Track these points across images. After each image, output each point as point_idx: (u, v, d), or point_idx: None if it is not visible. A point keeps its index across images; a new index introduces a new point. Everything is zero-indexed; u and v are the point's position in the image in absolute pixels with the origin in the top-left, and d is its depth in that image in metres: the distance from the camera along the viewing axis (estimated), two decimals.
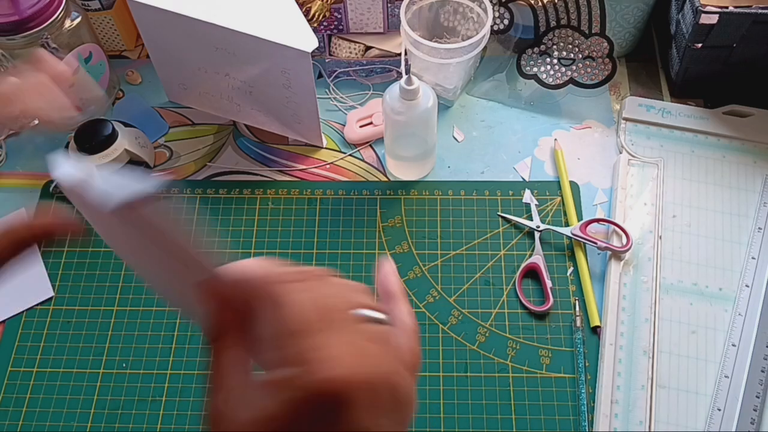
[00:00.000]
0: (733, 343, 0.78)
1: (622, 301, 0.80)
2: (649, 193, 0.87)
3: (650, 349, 0.77)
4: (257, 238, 0.87)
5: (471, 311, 0.82)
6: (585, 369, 0.78)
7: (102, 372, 0.80)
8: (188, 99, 0.97)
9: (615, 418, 0.74)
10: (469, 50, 0.88)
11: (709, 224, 0.85)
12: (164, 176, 0.92)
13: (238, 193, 0.91)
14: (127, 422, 0.77)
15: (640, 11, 0.93)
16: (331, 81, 0.99)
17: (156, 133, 0.96)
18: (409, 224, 0.88)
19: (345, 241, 0.87)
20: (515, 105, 0.97)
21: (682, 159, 0.89)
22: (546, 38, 0.93)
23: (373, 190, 0.90)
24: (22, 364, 0.80)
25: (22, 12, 0.82)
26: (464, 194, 0.89)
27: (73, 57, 0.88)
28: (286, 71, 0.83)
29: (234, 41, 0.82)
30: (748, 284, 0.81)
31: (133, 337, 0.81)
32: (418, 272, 0.84)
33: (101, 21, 0.98)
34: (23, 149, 0.96)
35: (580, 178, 0.90)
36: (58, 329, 0.82)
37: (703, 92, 0.95)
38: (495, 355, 0.79)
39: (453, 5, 0.93)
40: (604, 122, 0.95)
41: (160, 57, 0.91)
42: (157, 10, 0.82)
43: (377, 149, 0.94)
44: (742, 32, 0.86)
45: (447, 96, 0.96)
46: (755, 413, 0.74)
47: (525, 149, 0.93)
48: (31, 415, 0.77)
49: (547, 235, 0.86)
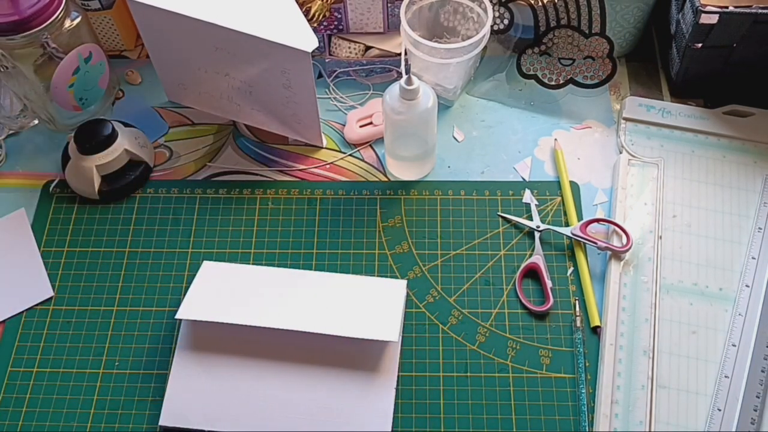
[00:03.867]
0: (733, 343, 0.78)
1: (622, 301, 0.80)
2: (649, 193, 0.87)
3: (650, 349, 0.77)
4: (257, 238, 0.87)
5: (471, 311, 0.82)
6: (585, 369, 0.78)
7: (102, 372, 0.80)
8: (188, 99, 0.97)
9: (615, 418, 0.74)
10: (469, 50, 0.88)
11: (710, 224, 0.85)
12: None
13: (238, 193, 0.91)
14: (127, 422, 0.77)
15: (640, 11, 0.93)
16: (331, 81, 0.99)
17: (156, 133, 0.96)
18: (409, 224, 0.88)
19: (345, 241, 0.87)
20: (515, 105, 0.97)
21: (682, 159, 0.89)
22: (546, 38, 0.93)
23: (373, 190, 0.90)
24: (22, 364, 0.80)
25: (22, 12, 0.82)
26: (464, 194, 0.89)
27: (73, 57, 0.88)
28: (286, 71, 0.83)
29: (234, 41, 0.82)
30: (748, 284, 0.81)
31: (133, 337, 0.81)
32: (418, 272, 0.84)
33: (101, 21, 0.98)
34: (23, 149, 0.96)
35: (580, 178, 0.90)
36: (58, 329, 0.82)
37: (703, 92, 0.95)
38: (495, 355, 0.79)
39: (453, 5, 0.93)
40: (604, 122, 0.95)
41: (160, 57, 0.91)
42: (157, 10, 0.82)
43: (377, 149, 0.94)
44: (742, 32, 0.86)
45: (447, 96, 0.96)
46: (755, 413, 0.74)
47: (525, 149, 0.93)
48: (31, 415, 0.77)
49: (547, 235, 0.86)
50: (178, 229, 0.88)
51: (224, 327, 0.78)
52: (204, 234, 0.88)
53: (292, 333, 0.76)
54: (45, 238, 0.88)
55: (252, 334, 0.77)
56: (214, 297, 0.80)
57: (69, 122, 0.95)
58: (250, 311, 0.77)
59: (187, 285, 0.84)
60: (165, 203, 0.90)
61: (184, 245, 0.87)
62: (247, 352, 0.77)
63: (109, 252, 0.87)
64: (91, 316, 0.83)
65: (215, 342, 0.78)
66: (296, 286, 0.81)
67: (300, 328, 0.75)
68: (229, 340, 0.78)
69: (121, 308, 0.83)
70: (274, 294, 0.80)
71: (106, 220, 0.89)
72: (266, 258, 0.86)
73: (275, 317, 0.77)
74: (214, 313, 0.77)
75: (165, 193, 0.91)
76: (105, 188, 0.89)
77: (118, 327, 0.82)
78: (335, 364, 0.77)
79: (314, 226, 0.88)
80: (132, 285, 0.85)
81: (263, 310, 0.78)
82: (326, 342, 0.77)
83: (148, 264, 0.86)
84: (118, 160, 0.89)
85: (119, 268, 0.86)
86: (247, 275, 0.83)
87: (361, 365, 0.77)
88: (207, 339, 0.78)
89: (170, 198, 0.90)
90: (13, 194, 0.92)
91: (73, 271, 0.86)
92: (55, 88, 0.89)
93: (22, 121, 0.96)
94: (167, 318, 0.82)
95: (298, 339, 0.77)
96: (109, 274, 0.85)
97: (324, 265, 0.85)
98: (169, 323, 0.82)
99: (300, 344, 0.77)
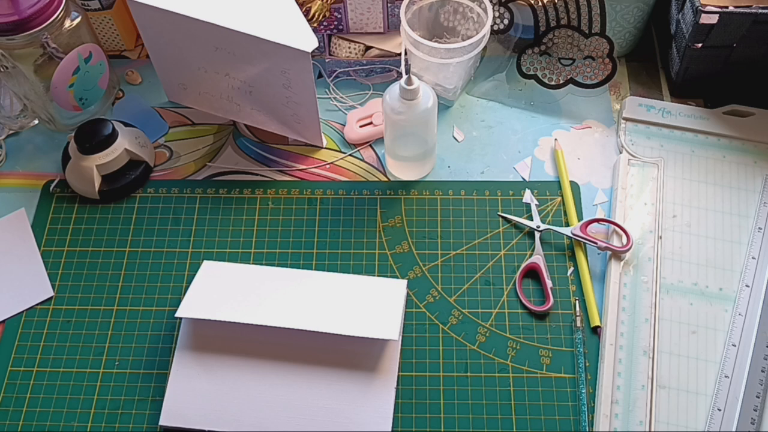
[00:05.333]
0: (733, 343, 0.78)
1: (623, 301, 0.80)
2: (649, 193, 0.87)
3: (650, 349, 0.77)
4: (257, 238, 0.87)
5: (471, 311, 0.82)
6: (585, 369, 0.78)
7: (102, 372, 0.80)
8: (188, 99, 0.97)
9: (615, 418, 0.74)
10: (469, 50, 0.88)
11: (709, 224, 0.85)
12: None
13: (238, 193, 0.91)
14: (127, 422, 0.77)
15: (640, 11, 0.93)
16: (331, 81, 0.99)
17: (156, 133, 0.96)
18: (409, 224, 0.88)
19: (345, 241, 0.87)
20: (515, 105, 0.97)
21: (682, 159, 0.89)
22: (546, 38, 0.93)
23: (373, 190, 0.90)
24: (22, 364, 0.80)
25: (22, 12, 0.82)
26: (464, 194, 0.89)
27: (73, 57, 0.88)
28: (286, 71, 0.83)
29: (234, 41, 0.82)
30: (748, 284, 0.81)
31: (133, 337, 0.81)
32: (419, 272, 0.84)
33: (101, 21, 0.98)
34: (23, 149, 0.96)
35: (580, 178, 0.90)
36: (58, 329, 0.82)
37: (703, 92, 0.95)
38: (495, 355, 0.79)
39: (453, 5, 0.93)
40: (604, 122, 0.95)
41: (160, 57, 0.91)
42: (157, 10, 0.82)
43: (377, 149, 0.94)
44: (742, 32, 0.86)
45: (447, 96, 0.96)
46: (755, 413, 0.74)
47: (525, 149, 0.93)
48: (31, 415, 0.77)
49: (547, 235, 0.86)
50: (178, 228, 0.88)
51: (224, 327, 0.78)
52: (204, 234, 0.88)
53: (292, 332, 0.76)
54: (45, 238, 0.88)
55: (252, 333, 0.77)
56: (214, 296, 0.80)
57: (69, 122, 0.95)
58: (250, 310, 0.78)
59: (187, 285, 0.84)
60: (165, 203, 0.90)
61: (184, 245, 0.87)
62: (247, 352, 0.77)
63: (109, 252, 0.87)
64: (91, 315, 0.83)
65: (215, 342, 0.78)
66: (296, 285, 0.82)
67: (300, 326, 0.75)
68: (229, 340, 0.78)
69: (121, 308, 0.83)
70: (274, 293, 0.80)
71: (106, 219, 0.89)
72: (266, 258, 0.86)
73: (275, 316, 0.77)
74: (214, 312, 0.77)
75: (165, 193, 0.91)
76: (105, 188, 0.89)
77: (118, 327, 0.82)
78: (335, 363, 0.77)
79: (314, 226, 0.88)
80: (132, 285, 0.85)
81: (263, 309, 0.78)
82: (326, 342, 0.77)
83: (148, 264, 0.86)
84: (119, 160, 0.89)
85: (119, 268, 0.86)
86: (248, 275, 0.83)
87: (361, 365, 0.77)
88: (207, 339, 0.78)
89: (170, 198, 0.90)
90: (13, 194, 0.92)
91: (73, 271, 0.86)
92: (55, 88, 0.89)
93: (22, 121, 0.96)
94: (167, 318, 0.82)
95: (298, 339, 0.77)
96: (109, 274, 0.85)
97: (324, 265, 0.85)
98: (169, 323, 0.82)
99: (300, 344, 0.77)
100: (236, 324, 0.77)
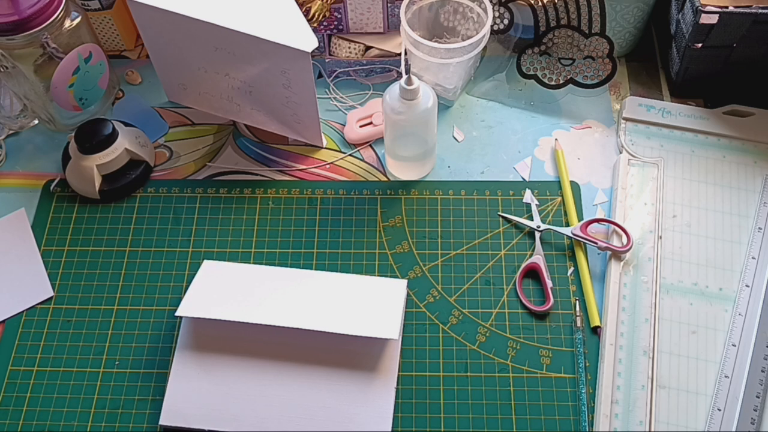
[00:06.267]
0: (733, 343, 0.78)
1: (623, 301, 0.80)
2: (649, 193, 0.87)
3: (650, 349, 0.77)
4: (257, 238, 0.87)
5: (471, 311, 0.82)
6: (585, 369, 0.78)
7: (102, 371, 0.80)
8: (188, 99, 0.97)
9: (615, 418, 0.74)
10: (469, 50, 0.88)
11: (709, 224, 0.85)
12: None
13: (238, 193, 0.91)
14: (127, 422, 0.77)
15: (640, 11, 0.93)
16: (331, 81, 0.99)
17: (156, 133, 0.96)
18: (410, 224, 0.88)
19: (345, 241, 0.87)
20: (515, 105, 0.97)
21: (682, 159, 0.89)
22: (546, 38, 0.93)
23: (373, 190, 0.90)
24: (22, 364, 0.80)
25: (22, 12, 0.82)
26: (464, 194, 0.89)
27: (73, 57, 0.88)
28: (286, 71, 0.83)
29: (234, 41, 0.82)
30: (748, 284, 0.81)
31: (133, 337, 0.81)
32: (419, 272, 0.84)
33: (101, 21, 0.98)
34: (23, 149, 0.96)
35: (580, 178, 0.90)
36: (58, 329, 0.82)
37: (703, 92, 0.95)
38: (495, 355, 0.79)
39: (453, 5, 0.93)
40: (604, 122, 0.95)
41: (160, 57, 0.91)
42: (157, 10, 0.82)
43: (377, 149, 0.94)
44: (742, 32, 0.86)
45: (447, 96, 0.96)
46: (755, 413, 0.74)
47: (525, 149, 0.93)
48: (31, 415, 0.77)
49: (547, 235, 0.86)
50: (178, 228, 0.88)
51: (225, 326, 0.78)
52: (204, 233, 0.88)
53: (293, 332, 0.76)
54: (45, 238, 0.88)
55: (252, 333, 0.77)
56: (215, 295, 0.80)
57: (69, 122, 0.95)
58: (250, 309, 0.78)
59: (187, 284, 0.84)
60: (165, 203, 0.90)
61: (185, 245, 0.87)
62: (247, 352, 0.77)
63: (109, 252, 0.87)
64: (91, 315, 0.83)
65: (215, 341, 0.78)
66: (296, 285, 0.82)
67: (300, 326, 0.75)
68: (229, 340, 0.78)
69: (121, 308, 0.83)
70: (274, 293, 0.80)
71: (107, 219, 0.89)
72: (266, 258, 0.86)
73: (275, 315, 0.77)
74: (214, 311, 0.77)
75: (165, 192, 0.91)
76: (105, 188, 0.89)
77: (118, 326, 0.82)
78: (335, 363, 0.77)
79: (314, 226, 0.88)
80: (132, 284, 0.85)
81: (263, 309, 0.78)
82: (326, 341, 0.77)
83: (148, 264, 0.86)
84: (119, 160, 0.89)
85: (119, 267, 0.86)
86: (248, 274, 0.83)
87: (361, 365, 0.77)
88: (207, 338, 0.79)
89: (170, 198, 0.90)
90: (13, 194, 0.92)
91: (73, 270, 0.86)
92: (55, 88, 0.89)
93: (22, 121, 0.96)
94: (167, 317, 0.82)
95: (298, 338, 0.77)
96: (109, 274, 0.85)
97: (324, 264, 0.85)
98: (169, 322, 0.82)
99: (300, 344, 0.77)
100: (236, 323, 0.77)
